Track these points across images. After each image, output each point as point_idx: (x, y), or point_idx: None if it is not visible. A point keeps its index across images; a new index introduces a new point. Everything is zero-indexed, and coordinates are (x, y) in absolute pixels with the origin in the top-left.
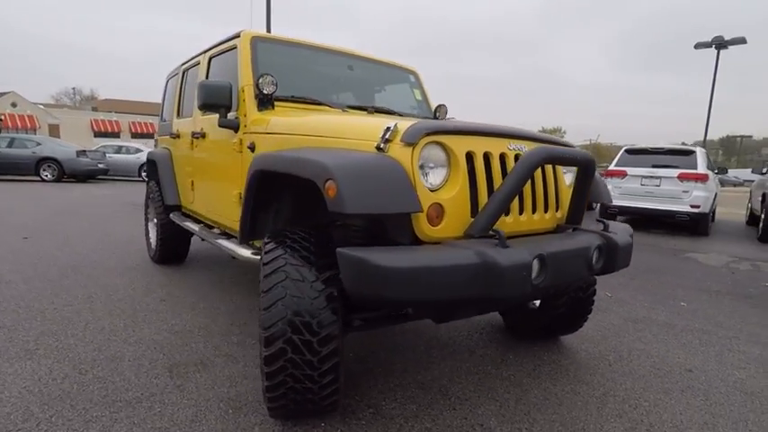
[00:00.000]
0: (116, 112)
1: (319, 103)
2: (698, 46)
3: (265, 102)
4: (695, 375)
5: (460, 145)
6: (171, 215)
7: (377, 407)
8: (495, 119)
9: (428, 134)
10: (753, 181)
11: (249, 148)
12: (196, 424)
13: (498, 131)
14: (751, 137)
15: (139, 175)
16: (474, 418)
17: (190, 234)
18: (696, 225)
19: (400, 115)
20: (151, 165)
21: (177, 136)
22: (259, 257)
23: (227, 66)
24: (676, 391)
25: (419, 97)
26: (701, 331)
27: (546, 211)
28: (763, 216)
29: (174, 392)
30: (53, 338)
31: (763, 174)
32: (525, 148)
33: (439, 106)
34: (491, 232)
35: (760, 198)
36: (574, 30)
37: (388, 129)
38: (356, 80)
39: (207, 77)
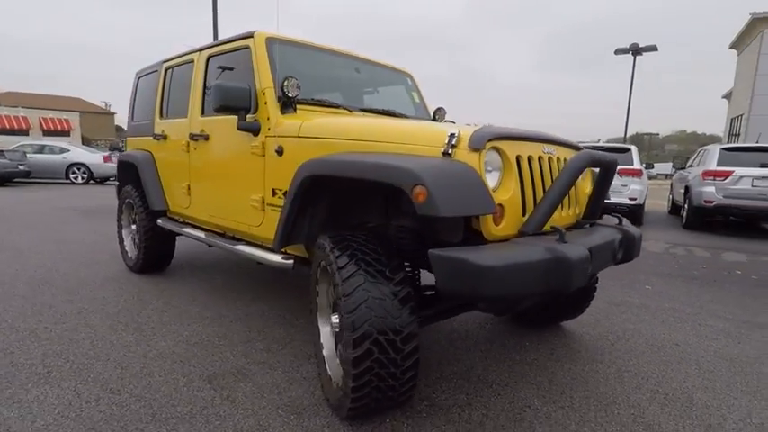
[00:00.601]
0: (23, 107)
1: (337, 106)
2: (617, 52)
3: (288, 105)
4: (683, 348)
5: (512, 149)
6: (159, 221)
7: (430, 399)
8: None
9: (490, 140)
10: (665, 174)
11: (277, 152)
12: None
13: (540, 137)
14: (657, 134)
15: (67, 177)
16: (519, 401)
17: (174, 240)
18: (633, 215)
19: (417, 119)
20: (127, 168)
21: (163, 137)
22: (290, 262)
23: (239, 65)
24: (674, 363)
25: (417, 99)
26: (671, 310)
27: (569, 208)
28: (686, 206)
29: (225, 404)
30: (62, 359)
31: (683, 168)
32: (555, 151)
33: (438, 109)
34: (550, 229)
35: (682, 190)
36: (500, 32)
37: (452, 135)
38: (362, 82)
39: (205, 78)
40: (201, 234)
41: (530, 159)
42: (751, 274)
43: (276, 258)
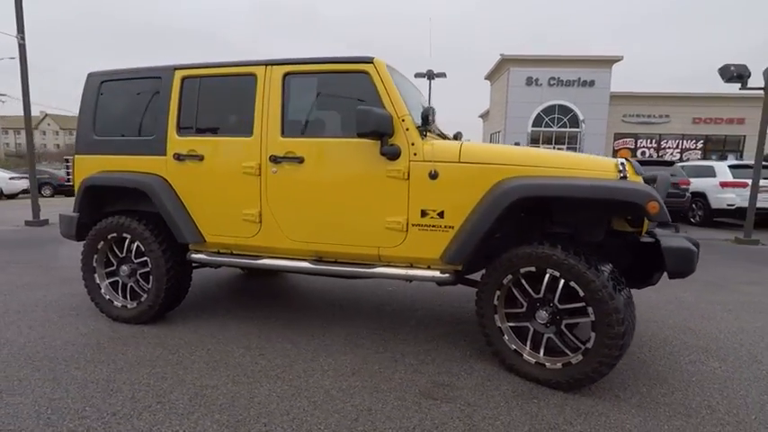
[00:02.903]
0: None
1: (430, 131)
2: (416, 75)
3: (422, 131)
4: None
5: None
6: (192, 255)
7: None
8: None
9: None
10: None
11: (430, 175)
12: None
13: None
14: None
15: None
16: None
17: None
18: None
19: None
20: (131, 195)
21: (196, 157)
22: (446, 276)
23: (340, 88)
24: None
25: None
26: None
27: None
28: None
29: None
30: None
31: None
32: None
33: (457, 133)
34: (671, 225)
35: None
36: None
37: (622, 163)
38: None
39: (283, 97)
40: (288, 263)
41: None
42: None
43: (433, 273)
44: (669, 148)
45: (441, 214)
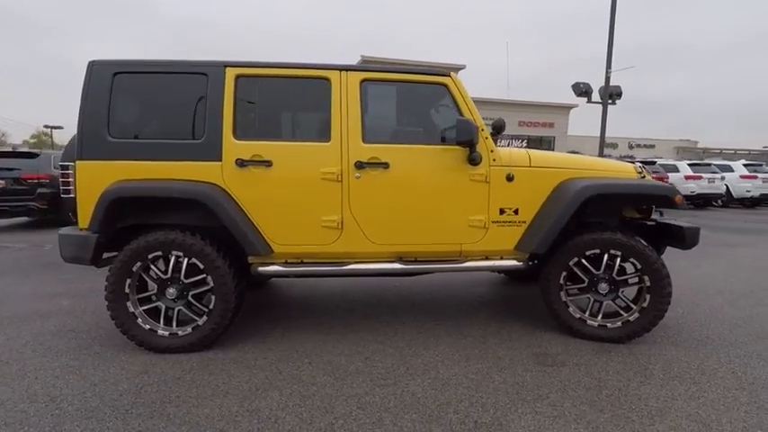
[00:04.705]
0: None
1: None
2: None
3: (495, 140)
4: None
5: None
6: (260, 268)
7: None
8: None
9: None
10: None
11: (507, 178)
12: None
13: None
14: None
15: None
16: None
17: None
18: None
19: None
20: (173, 208)
21: (264, 163)
22: (521, 263)
23: (415, 98)
24: None
25: None
26: None
27: None
28: None
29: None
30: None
31: None
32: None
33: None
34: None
35: None
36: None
37: (640, 166)
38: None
39: (362, 103)
40: (377, 266)
41: None
42: None
43: (512, 263)
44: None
45: (516, 211)
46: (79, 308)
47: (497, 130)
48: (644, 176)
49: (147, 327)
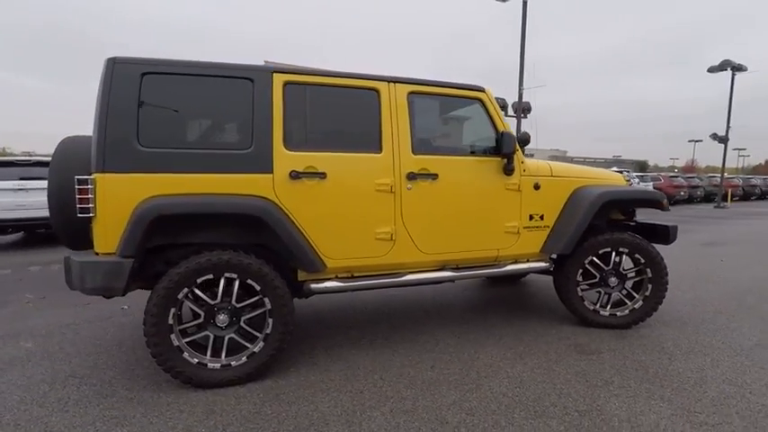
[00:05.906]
0: None
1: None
2: None
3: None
4: None
5: None
6: (314, 285)
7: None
8: None
9: None
10: None
11: (535, 187)
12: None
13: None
14: None
15: None
16: None
17: None
18: None
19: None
20: (224, 224)
21: (319, 175)
22: (548, 264)
23: (452, 110)
24: None
25: None
26: None
27: None
28: None
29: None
30: None
31: None
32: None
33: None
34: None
35: None
36: None
37: (627, 176)
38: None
39: (410, 115)
40: (431, 275)
41: None
42: None
43: (543, 264)
44: None
45: (542, 217)
46: (53, 347)
47: (523, 143)
48: (630, 183)
49: (195, 360)
